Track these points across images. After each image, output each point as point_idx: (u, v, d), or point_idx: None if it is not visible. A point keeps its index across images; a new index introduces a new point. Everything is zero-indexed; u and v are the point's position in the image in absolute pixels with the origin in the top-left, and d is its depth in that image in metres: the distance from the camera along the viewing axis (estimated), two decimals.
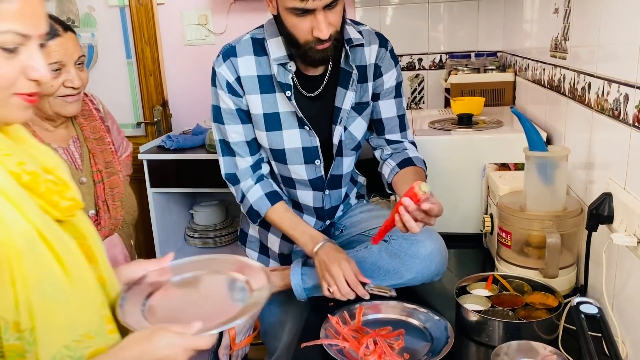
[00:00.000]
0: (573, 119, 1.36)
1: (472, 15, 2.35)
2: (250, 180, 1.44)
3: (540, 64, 1.68)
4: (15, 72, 0.72)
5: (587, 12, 1.25)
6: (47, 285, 0.72)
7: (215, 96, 1.40)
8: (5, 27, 0.68)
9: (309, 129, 1.39)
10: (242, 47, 1.36)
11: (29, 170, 0.75)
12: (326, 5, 1.20)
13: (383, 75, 1.43)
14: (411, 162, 1.43)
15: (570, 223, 1.22)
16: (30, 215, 0.72)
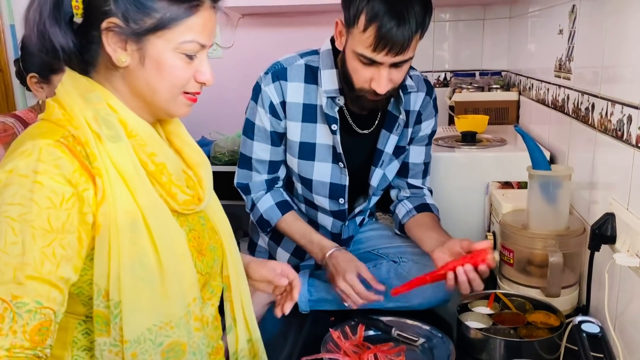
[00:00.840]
0: (577, 138, 1.37)
1: (477, 34, 2.37)
2: (262, 192, 1.44)
3: (544, 83, 1.69)
4: (189, 75, 0.84)
5: (591, 34, 1.27)
6: (138, 266, 0.79)
7: (252, 111, 1.38)
8: (191, 37, 0.81)
9: (343, 167, 1.38)
10: (294, 71, 1.34)
11: (157, 162, 0.84)
12: (393, 64, 1.18)
13: (422, 123, 1.43)
14: (429, 208, 1.43)
15: (573, 242, 1.22)
16: (140, 199, 0.80)
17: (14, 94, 2.69)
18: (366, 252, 1.50)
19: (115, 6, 0.78)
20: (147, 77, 0.82)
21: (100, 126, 0.79)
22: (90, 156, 0.78)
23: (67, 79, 0.84)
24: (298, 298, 1.36)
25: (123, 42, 0.79)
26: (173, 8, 0.79)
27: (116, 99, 0.83)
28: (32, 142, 0.75)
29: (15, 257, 0.71)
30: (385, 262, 1.40)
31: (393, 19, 1.12)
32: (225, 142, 2.24)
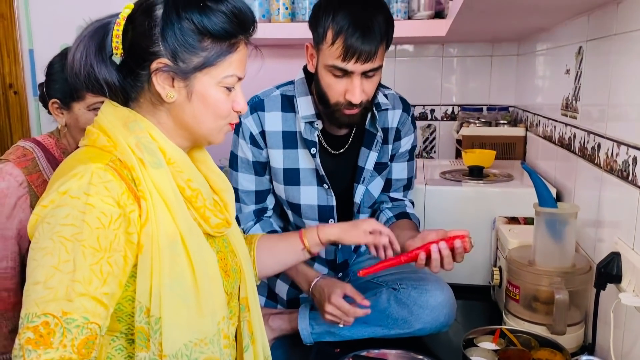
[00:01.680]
0: (583, 176, 1.39)
1: (485, 69, 2.41)
2: (252, 222, 1.48)
3: (551, 121, 1.72)
4: (229, 106, 0.91)
5: (597, 75, 1.29)
6: (176, 285, 0.84)
7: (235, 144, 1.44)
8: (232, 72, 0.88)
9: (327, 188, 1.43)
10: (270, 102, 1.41)
11: (193, 187, 0.91)
12: (364, 73, 1.24)
13: (401, 139, 1.49)
14: (407, 216, 1.48)
15: (579, 280, 1.23)
16: (179, 222, 0.86)
17: (29, 115, 2.75)
18: (365, 282, 1.51)
19: (164, 47, 0.84)
20: (194, 110, 0.89)
21: (142, 152, 0.85)
22: (136, 180, 0.83)
23: (108, 108, 0.90)
24: (300, 331, 1.38)
25: (171, 79, 0.86)
26: (217, 47, 0.86)
27: (156, 129, 0.89)
28: (84, 165, 0.80)
29: (67, 275, 0.76)
30: (385, 289, 1.41)
31: (358, 30, 1.20)
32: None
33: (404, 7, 2.09)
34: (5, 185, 1.26)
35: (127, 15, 0.87)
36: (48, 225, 0.77)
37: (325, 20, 1.23)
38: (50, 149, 1.35)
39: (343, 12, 1.21)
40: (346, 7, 1.22)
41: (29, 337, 0.73)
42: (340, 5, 1.23)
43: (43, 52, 2.62)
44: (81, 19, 2.73)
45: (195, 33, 0.85)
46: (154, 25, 0.84)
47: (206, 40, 0.85)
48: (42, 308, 0.74)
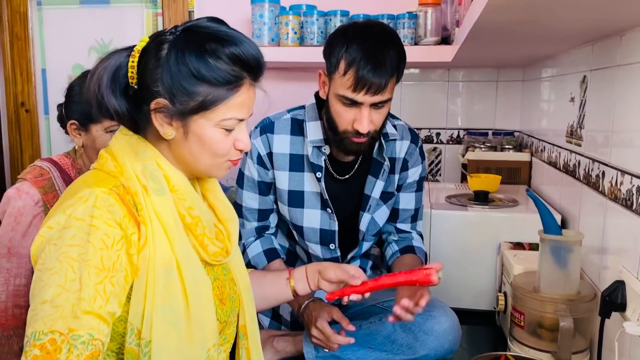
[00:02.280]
0: (587, 203, 1.40)
1: (491, 94, 2.44)
2: (252, 239, 1.51)
3: (556, 147, 1.73)
4: (229, 145, 0.92)
5: (602, 104, 1.31)
6: (168, 310, 0.86)
7: (242, 162, 1.48)
8: (231, 115, 0.89)
9: (331, 212, 1.45)
10: (280, 125, 1.45)
11: (194, 215, 0.92)
12: (373, 104, 1.27)
13: (409, 169, 1.51)
14: (413, 250, 1.48)
15: (584, 308, 1.23)
16: (177, 248, 0.88)
17: (39, 134, 2.79)
18: (371, 306, 1.52)
19: (163, 89, 0.86)
20: (191, 149, 0.91)
21: (147, 179, 0.88)
22: (138, 205, 0.86)
23: (120, 134, 0.93)
24: (305, 354, 1.38)
25: (169, 118, 0.88)
26: (214, 91, 0.87)
27: (162, 157, 0.92)
28: (89, 189, 0.84)
29: (73, 293, 0.78)
30: (391, 315, 1.41)
31: (370, 63, 1.23)
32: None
33: (411, 33, 2.12)
34: (22, 204, 1.29)
35: (141, 48, 0.90)
36: (54, 246, 0.80)
37: (339, 51, 1.26)
38: (66, 169, 1.38)
39: (356, 44, 1.24)
40: (360, 40, 1.25)
41: (35, 354, 0.75)
42: (354, 37, 1.26)
43: (55, 71, 2.68)
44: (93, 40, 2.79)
45: (190, 78, 0.86)
46: (157, 65, 0.86)
47: (202, 85, 0.86)
48: (50, 326, 0.76)
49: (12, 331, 1.29)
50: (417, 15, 2.12)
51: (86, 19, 2.60)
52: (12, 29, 2.65)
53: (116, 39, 2.55)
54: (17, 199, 1.29)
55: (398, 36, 1.33)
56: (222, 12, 2.67)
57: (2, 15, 2.65)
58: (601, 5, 0.92)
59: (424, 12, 2.10)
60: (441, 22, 2.13)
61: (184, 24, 0.91)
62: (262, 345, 1.43)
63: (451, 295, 1.57)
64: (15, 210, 1.29)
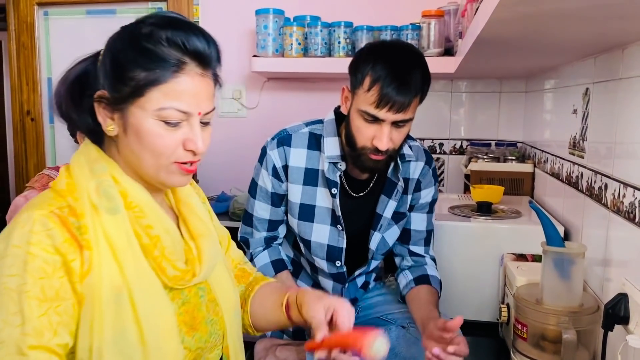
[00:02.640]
0: (590, 215, 1.40)
1: (494, 105, 2.45)
2: (260, 248, 1.51)
3: (558, 158, 1.74)
4: (173, 143, 0.82)
5: (604, 117, 1.32)
6: (121, 340, 0.78)
7: (257, 172, 1.48)
8: (168, 104, 0.80)
9: (341, 229, 1.44)
10: (298, 138, 1.45)
11: (152, 235, 0.84)
12: (394, 122, 1.28)
13: (421, 190, 1.51)
14: (428, 280, 1.47)
15: (587, 320, 1.23)
16: (128, 272, 0.80)
17: (44, 142, 2.81)
18: (375, 318, 1.52)
19: (102, 78, 0.82)
20: (130, 145, 0.83)
21: (100, 198, 0.81)
22: (82, 228, 0.79)
23: (82, 147, 0.89)
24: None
25: (110, 111, 0.83)
26: (147, 74, 0.79)
27: (120, 171, 0.86)
28: (27, 213, 0.78)
29: (16, 328, 0.73)
30: (394, 327, 1.41)
31: (395, 81, 1.24)
32: (245, 198, 2.29)
33: (414, 44, 2.13)
34: None
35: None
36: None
37: (365, 67, 1.27)
38: None
39: (383, 62, 1.26)
40: (387, 58, 1.27)
41: None
42: (381, 55, 1.28)
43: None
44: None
45: (124, 61, 0.80)
46: (104, 55, 0.83)
47: (136, 70, 0.79)
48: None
49: None
50: (421, 27, 2.14)
51: (92, 28, 2.63)
52: (19, 38, 2.68)
53: None
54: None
55: (424, 58, 1.33)
56: (226, 22, 2.71)
57: (9, 24, 2.68)
58: (603, 20, 0.93)
59: (427, 24, 2.12)
60: (444, 34, 2.15)
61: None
62: (265, 354, 1.43)
63: (454, 307, 1.57)
64: None
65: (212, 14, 2.61)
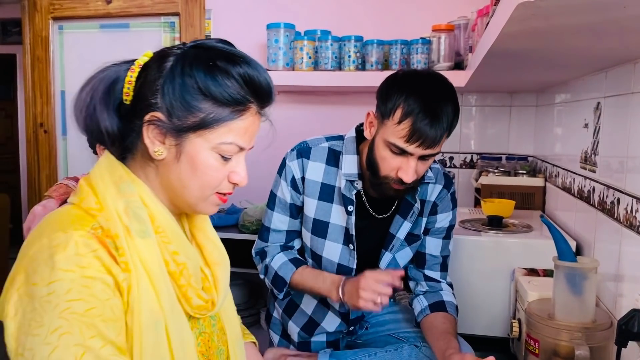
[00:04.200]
0: (602, 230, 1.39)
1: (504, 119, 2.44)
2: (276, 253, 1.49)
3: (570, 173, 1.73)
4: (222, 176, 0.84)
5: (616, 131, 1.31)
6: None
7: (276, 184, 1.47)
8: (231, 139, 0.82)
9: (352, 249, 1.42)
10: (317, 152, 1.43)
11: (179, 262, 0.82)
12: (421, 156, 1.27)
13: (438, 214, 1.48)
14: (443, 306, 1.43)
15: (600, 336, 1.21)
16: (163, 302, 0.78)
17: (57, 154, 2.83)
18: (386, 335, 1.50)
19: (162, 101, 0.79)
20: (180, 172, 0.82)
21: (130, 219, 0.78)
22: (119, 249, 0.76)
23: (103, 162, 0.84)
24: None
25: (162, 135, 0.80)
26: (218, 110, 0.80)
27: (148, 192, 0.83)
28: (64, 234, 0.74)
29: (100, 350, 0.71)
30: (407, 345, 1.40)
31: (427, 116, 1.21)
32: (254, 211, 2.30)
33: (424, 58, 2.14)
34: None
35: (143, 62, 0.84)
36: (49, 304, 0.70)
37: (397, 98, 1.24)
38: None
39: (416, 95, 1.22)
40: (420, 91, 1.24)
41: None
42: (414, 87, 1.25)
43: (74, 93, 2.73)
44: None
45: (195, 91, 0.79)
46: (159, 76, 0.80)
47: (207, 102, 0.79)
48: None
49: None
50: (431, 41, 2.14)
51: (106, 42, 2.66)
52: (34, 52, 2.72)
53: None
54: (42, 215, 1.32)
55: (455, 91, 1.30)
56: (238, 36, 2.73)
57: (24, 38, 2.72)
58: (614, 34, 0.93)
59: (437, 38, 2.13)
60: (454, 48, 2.15)
61: (193, 41, 0.84)
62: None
63: (465, 322, 1.56)
64: None
65: (224, 28, 2.63)
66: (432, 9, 2.38)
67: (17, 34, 5.03)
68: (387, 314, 1.57)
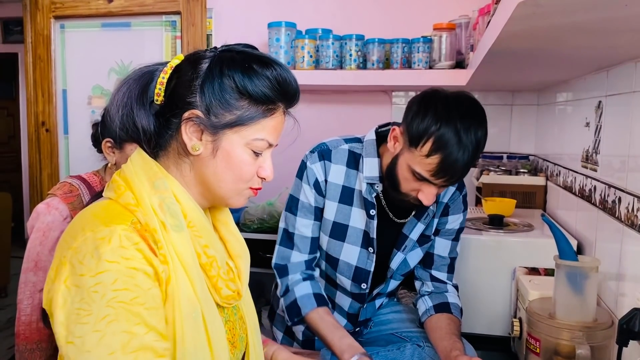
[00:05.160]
0: (604, 229, 1.39)
1: (505, 117, 2.44)
2: (299, 276, 1.43)
3: (571, 172, 1.72)
4: (254, 170, 0.90)
5: (618, 130, 1.31)
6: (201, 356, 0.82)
7: (296, 187, 1.43)
8: (263, 136, 0.88)
9: (372, 252, 1.41)
10: (338, 154, 1.41)
11: (210, 254, 0.88)
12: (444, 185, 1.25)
13: (449, 216, 1.47)
14: (448, 308, 1.42)
15: (601, 335, 1.21)
16: (197, 289, 0.84)
17: (58, 153, 2.84)
18: (389, 334, 1.50)
19: (201, 99, 0.85)
20: (216, 167, 0.87)
21: (165, 214, 0.83)
22: (158, 242, 0.81)
23: (136, 159, 0.89)
24: None
25: (200, 132, 0.86)
26: (253, 108, 0.86)
27: (181, 188, 0.87)
28: (107, 228, 0.79)
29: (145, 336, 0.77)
30: (410, 345, 1.40)
31: (459, 153, 1.17)
32: (256, 210, 2.31)
33: (425, 57, 2.14)
34: (51, 219, 1.32)
35: (175, 65, 0.89)
36: (96, 294, 0.75)
37: (428, 127, 1.18)
38: (95, 187, 1.42)
39: (449, 128, 1.17)
40: (453, 122, 1.17)
41: None
42: (448, 116, 1.18)
43: (76, 92, 2.74)
44: (113, 62, 2.86)
45: (234, 91, 0.85)
46: (196, 77, 0.85)
47: (243, 100, 0.86)
48: None
49: (35, 345, 1.31)
50: (432, 40, 2.14)
51: (107, 41, 2.66)
52: (36, 50, 2.72)
53: (136, 61, 2.60)
54: (46, 214, 1.33)
55: (485, 115, 1.24)
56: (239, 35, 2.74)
57: (26, 37, 2.73)
58: (615, 33, 0.93)
59: (439, 37, 2.13)
60: (455, 47, 2.15)
61: (223, 46, 0.90)
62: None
63: (465, 320, 1.56)
64: (44, 225, 1.32)
65: (225, 27, 2.64)
66: (433, 8, 2.38)
67: (19, 33, 5.03)
68: (391, 314, 1.57)
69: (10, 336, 1.50)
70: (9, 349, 3.19)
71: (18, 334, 1.32)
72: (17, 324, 1.32)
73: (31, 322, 1.32)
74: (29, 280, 1.32)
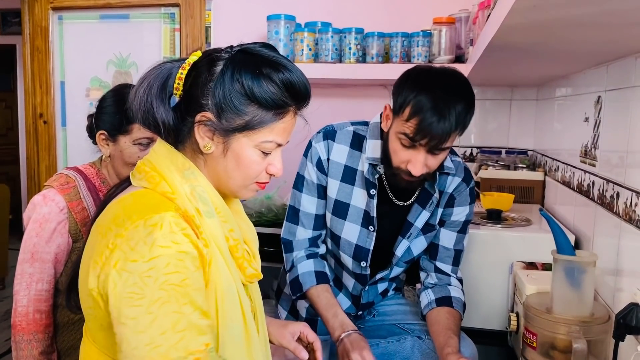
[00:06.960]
0: (602, 224, 1.39)
1: (504, 113, 2.44)
2: (303, 253, 1.48)
3: (569, 167, 1.72)
4: (262, 168, 0.94)
5: (617, 125, 1.31)
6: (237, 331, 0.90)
7: (303, 165, 1.48)
8: (272, 138, 0.92)
9: (372, 231, 1.43)
10: (342, 135, 1.45)
11: (235, 238, 0.95)
12: (430, 150, 1.26)
13: (454, 207, 1.47)
14: (450, 302, 1.42)
15: (597, 330, 1.22)
16: (231, 271, 0.92)
17: (56, 145, 2.83)
18: (391, 325, 1.51)
19: (212, 103, 0.88)
20: (227, 166, 0.92)
21: (197, 202, 0.89)
22: (199, 227, 0.87)
23: (161, 150, 0.93)
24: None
25: (211, 133, 0.90)
26: (262, 113, 0.89)
27: (205, 178, 0.93)
28: (158, 215, 0.83)
29: (192, 315, 0.82)
30: (410, 337, 1.40)
31: (435, 115, 1.21)
32: (254, 203, 2.31)
33: (425, 51, 2.14)
34: (47, 210, 1.33)
35: (193, 61, 0.91)
36: (149, 278, 0.80)
37: (407, 96, 1.25)
38: (91, 178, 1.42)
39: (425, 94, 1.22)
40: (429, 89, 1.23)
41: None
42: (425, 84, 1.24)
43: (74, 84, 2.73)
44: (112, 54, 2.85)
45: (242, 96, 0.88)
46: (210, 79, 0.88)
47: (252, 106, 0.89)
48: (186, 349, 0.80)
49: (32, 335, 1.31)
50: (432, 34, 2.14)
51: (105, 33, 2.65)
52: (33, 42, 2.71)
53: (134, 53, 2.60)
54: (42, 205, 1.33)
55: (470, 87, 1.28)
56: (238, 29, 2.73)
57: (24, 29, 2.71)
58: (615, 27, 0.93)
59: (438, 31, 2.12)
60: (455, 41, 2.15)
61: (239, 45, 0.93)
62: (272, 354, 1.43)
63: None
64: (41, 217, 1.32)
65: (224, 20, 2.62)
66: (433, 2, 2.37)
67: (17, 24, 5.01)
68: (395, 305, 1.58)
69: (8, 328, 1.50)
70: (6, 341, 3.20)
71: (14, 325, 1.32)
72: (14, 315, 1.32)
73: (27, 313, 1.32)
74: (25, 272, 1.32)
